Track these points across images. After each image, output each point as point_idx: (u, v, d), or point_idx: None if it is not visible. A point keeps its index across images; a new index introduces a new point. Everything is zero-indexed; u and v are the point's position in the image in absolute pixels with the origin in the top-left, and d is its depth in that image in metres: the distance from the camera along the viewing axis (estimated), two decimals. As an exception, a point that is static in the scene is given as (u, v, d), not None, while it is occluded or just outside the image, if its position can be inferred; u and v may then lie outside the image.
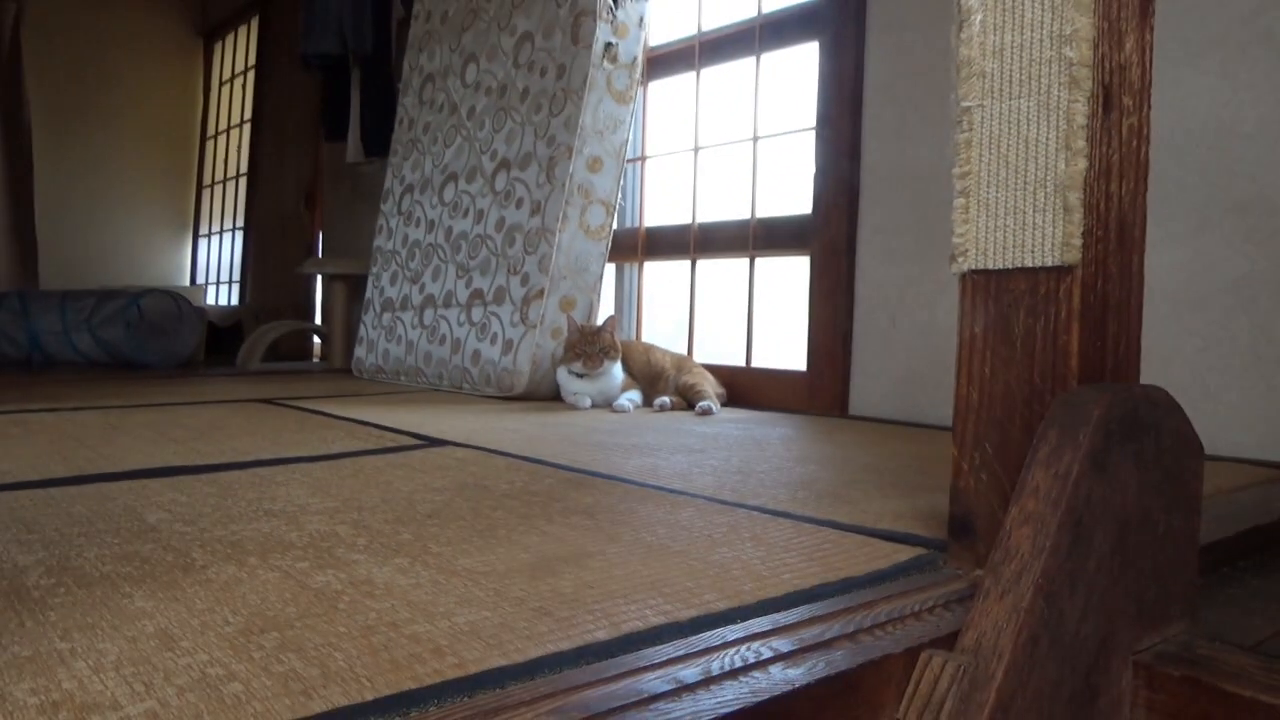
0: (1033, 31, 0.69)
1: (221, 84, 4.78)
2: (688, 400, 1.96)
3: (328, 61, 3.06)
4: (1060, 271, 0.68)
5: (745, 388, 2.15)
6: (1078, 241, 0.67)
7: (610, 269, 2.60)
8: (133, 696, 0.45)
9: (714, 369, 2.15)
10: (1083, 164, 0.66)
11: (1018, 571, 0.55)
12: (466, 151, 2.41)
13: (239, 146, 4.53)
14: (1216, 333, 1.42)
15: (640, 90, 2.45)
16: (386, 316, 2.58)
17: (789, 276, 2.17)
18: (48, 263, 4.30)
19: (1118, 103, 0.69)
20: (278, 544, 0.76)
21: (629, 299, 2.59)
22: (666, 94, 2.56)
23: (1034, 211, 0.69)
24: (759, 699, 0.47)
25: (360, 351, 2.67)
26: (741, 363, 2.22)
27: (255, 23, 4.39)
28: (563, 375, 1.99)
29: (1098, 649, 0.59)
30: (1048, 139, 0.68)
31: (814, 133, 1.99)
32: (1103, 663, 0.59)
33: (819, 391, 1.96)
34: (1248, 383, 1.38)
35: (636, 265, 2.55)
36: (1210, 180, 1.43)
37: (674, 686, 0.48)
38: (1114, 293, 0.69)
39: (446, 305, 2.32)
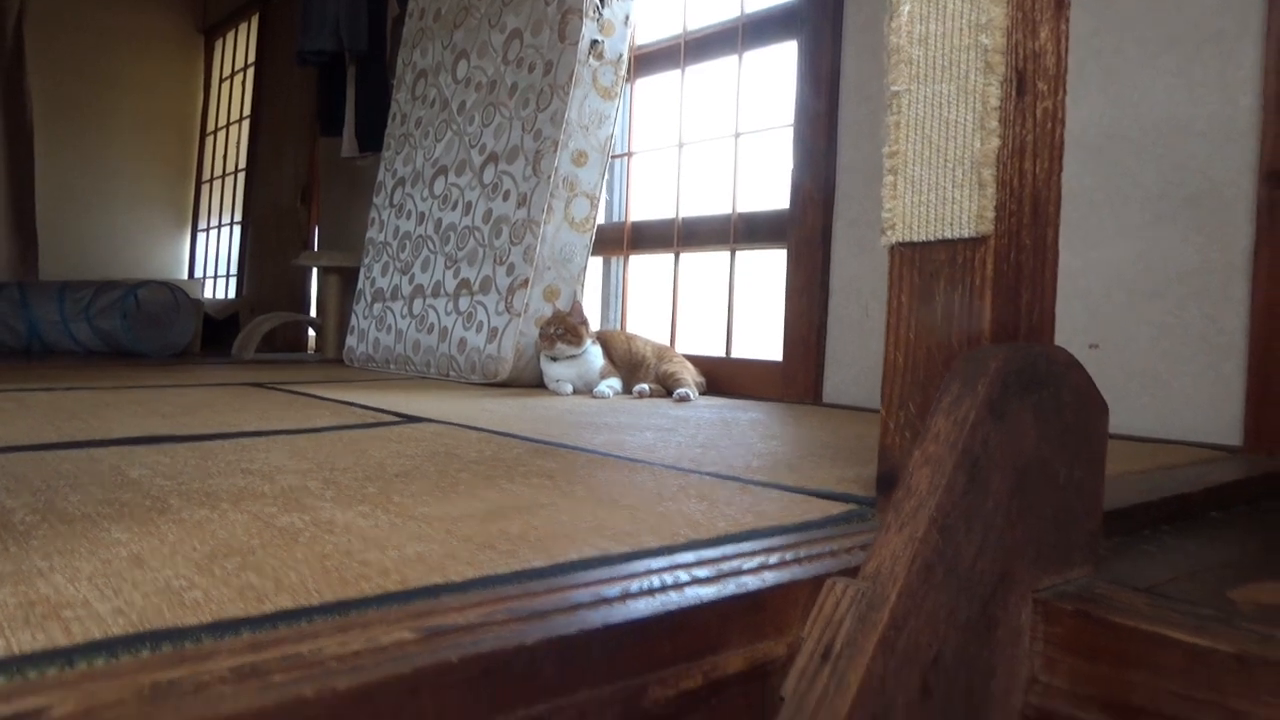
0: (953, 21, 0.74)
1: (221, 80, 4.84)
2: (667, 388, 2.01)
3: (323, 58, 3.12)
4: (975, 242, 0.73)
5: (725, 377, 2.20)
6: (991, 214, 0.72)
7: (597, 262, 2.65)
8: (102, 599, 0.51)
9: (695, 359, 2.20)
10: (996, 142, 0.72)
11: (915, 507, 0.60)
12: (456, 145, 2.46)
13: (238, 142, 4.59)
14: (1170, 321, 1.47)
15: (627, 87, 2.51)
16: (377, 306, 2.63)
17: (768, 269, 2.23)
18: (48, 256, 4.36)
19: (1031, 87, 0.74)
20: (250, 494, 0.81)
21: (614, 291, 2.64)
22: (652, 91, 2.61)
23: (953, 187, 0.74)
24: (667, 609, 0.52)
25: (351, 341, 2.73)
26: (722, 353, 2.27)
27: (255, 20, 4.45)
28: (543, 361, 2.04)
29: (996, 583, 0.64)
30: (965, 120, 0.73)
31: (792, 129, 2.04)
32: (1001, 597, 0.64)
33: (793, 380, 2.01)
34: (1198, 370, 1.44)
35: (622, 258, 2.60)
36: (1165, 175, 1.48)
37: (594, 599, 0.53)
38: (1027, 263, 0.75)
39: (435, 295, 2.38)
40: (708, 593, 0.56)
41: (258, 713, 0.38)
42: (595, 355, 2.04)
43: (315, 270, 3.84)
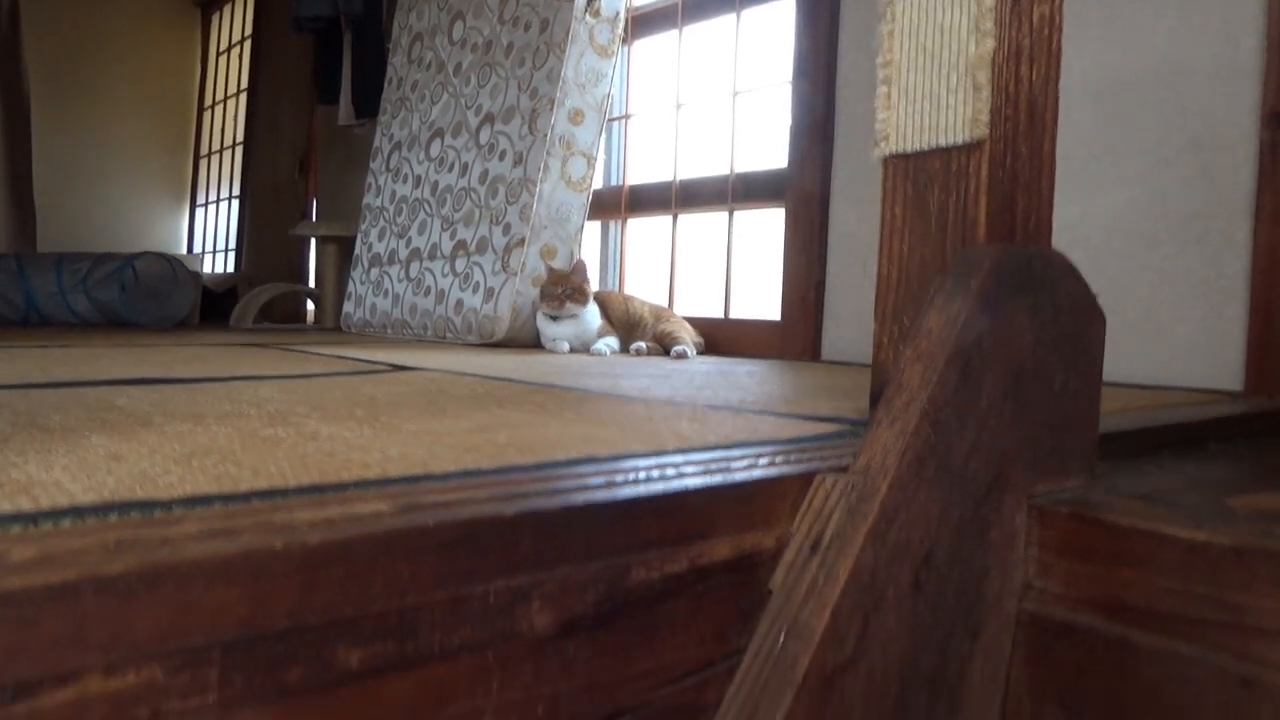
0: (948, -79, 0.72)
1: (219, 54, 4.81)
2: (664, 346, 2.00)
3: (319, 24, 3.09)
4: (970, 148, 0.71)
5: (724, 338, 2.19)
6: (985, 119, 0.70)
7: (595, 226, 2.64)
8: (74, 481, 0.50)
9: (694, 321, 2.19)
10: (990, 44, 0.70)
11: (906, 402, 0.59)
12: (453, 107, 2.44)
13: (235, 116, 4.56)
14: (1171, 268, 1.45)
15: (625, 49, 2.49)
16: (374, 272, 2.62)
17: (766, 229, 2.21)
18: (46, 230, 4.34)
19: (1028, -11, 0.72)
20: (236, 415, 0.80)
21: (613, 256, 2.63)
22: (650, 53, 2.59)
23: (947, 93, 0.73)
24: (652, 492, 0.51)
25: (349, 307, 2.72)
26: (720, 314, 2.26)
27: (252, -7, 4.42)
28: (541, 320, 2.03)
29: (990, 484, 0.63)
30: (960, 24, 0.72)
31: (791, 86, 2.02)
32: (995, 498, 0.63)
33: (792, 338, 2.00)
34: (1199, 315, 1.42)
35: (620, 222, 2.59)
36: (1166, 120, 1.46)
37: (578, 486, 0.52)
38: (1023, 171, 0.73)
39: (431, 258, 2.36)
40: (694, 481, 0.54)
41: (224, 562, 0.37)
42: (593, 314, 2.03)
43: (313, 242, 3.82)
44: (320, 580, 0.39)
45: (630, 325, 2.08)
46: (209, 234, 4.82)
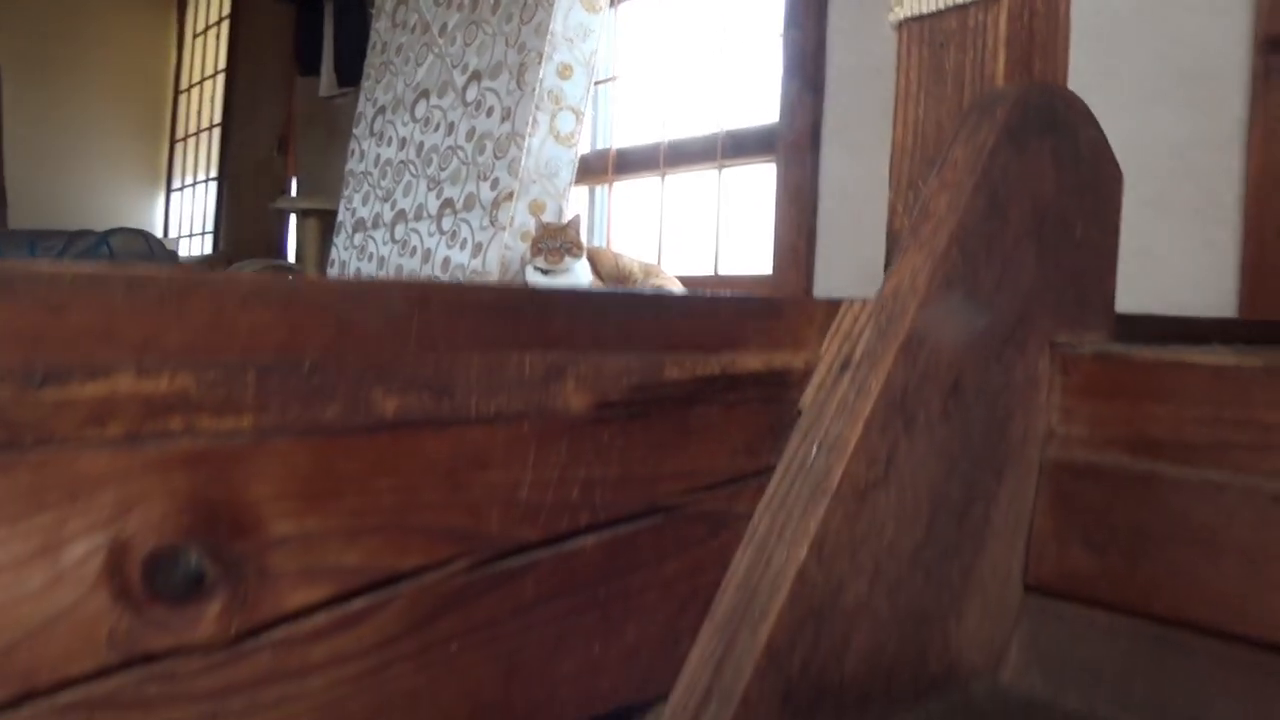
0: None
1: (195, 36, 4.75)
2: (655, 299, 1.99)
3: (301, -7, 3.06)
4: (988, 2, 0.71)
5: (713, 295, 2.18)
6: (1003, -30, 0.70)
7: (582, 192, 2.62)
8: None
9: (683, 279, 2.17)
10: (1008, -106, 0.69)
11: (935, 228, 0.58)
12: (438, 68, 2.42)
13: (212, 97, 4.51)
14: (1164, 199, 1.46)
15: (612, 10, 2.48)
16: (358, 237, 2.59)
17: (755, 189, 2.21)
18: (18, 216, 4.26)
19: None
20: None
21: (600, 220, 2.62)
22: (637, 14, 2.58)
23: (963, -51, 0.72)
24: (681, 296, 0.50)
25: (332, 274, 2.69)
26: (710, 272, 2.25)
27: (229, -28, 4.37)
28: (530, 275, 2.01)
29: (1015, 323, 0.62)
30: (976, -122, 0.71)
31: (781, 37, 2.02)
32: (1020, 338, 0.62)
33: (784, 292, 1.99)
34: (1191, 244, 1.43)
35: (607, 186, 2.58)
36: (1158, 51, 1.47)
37: (608, 289, 0.51)
38: (1040, 30, 0.73)
39: (418, 218, 2.34)
40: (722, 294, 0.53)
41: (257, 283, 0.35)
42: (584, 269, 2.01)
43: (293, 221, 3.78)
44: (356, 320, 0.37)
45: (620, 280, 2.06)
46: (185, 218, 4.76)
